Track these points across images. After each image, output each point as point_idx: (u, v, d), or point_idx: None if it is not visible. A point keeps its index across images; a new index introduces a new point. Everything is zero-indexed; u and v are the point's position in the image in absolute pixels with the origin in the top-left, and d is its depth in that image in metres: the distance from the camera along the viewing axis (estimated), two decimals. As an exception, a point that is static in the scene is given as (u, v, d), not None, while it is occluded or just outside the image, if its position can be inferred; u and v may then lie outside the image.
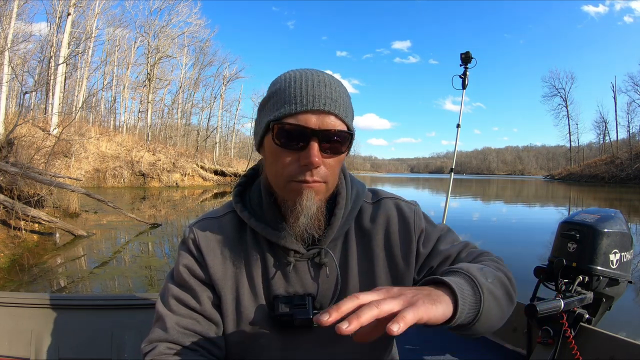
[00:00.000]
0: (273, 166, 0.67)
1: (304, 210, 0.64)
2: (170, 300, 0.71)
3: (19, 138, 8.35)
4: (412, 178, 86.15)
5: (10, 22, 14.22)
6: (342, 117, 0.64)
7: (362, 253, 0.75)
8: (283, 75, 0.67)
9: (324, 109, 0.62)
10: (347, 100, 0.66)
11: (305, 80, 0.64)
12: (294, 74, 0.66)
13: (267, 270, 0.72)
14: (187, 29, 30.26)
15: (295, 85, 0.63)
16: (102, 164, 18.71)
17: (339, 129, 0.64)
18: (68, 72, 22.89)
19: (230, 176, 24.08)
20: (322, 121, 0.62)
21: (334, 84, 0.65)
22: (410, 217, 0.76)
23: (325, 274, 0.72)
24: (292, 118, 0.62)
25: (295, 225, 0.66)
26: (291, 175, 0.64)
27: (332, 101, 0.63)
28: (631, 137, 44.02)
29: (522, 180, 68.63)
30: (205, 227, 0.75)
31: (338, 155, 0.66)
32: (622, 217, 1.42)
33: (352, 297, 0.48)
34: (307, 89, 0.62)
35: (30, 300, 1.34)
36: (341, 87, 0.66)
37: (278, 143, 0.64)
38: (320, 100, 0.62)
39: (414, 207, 0.79)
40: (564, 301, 1.24)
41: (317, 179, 0.64)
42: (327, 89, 0.63)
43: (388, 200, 0.78)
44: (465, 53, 3.34)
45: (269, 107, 0.66)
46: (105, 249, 6.03)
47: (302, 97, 0.62)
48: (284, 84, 0.65)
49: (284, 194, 0.67)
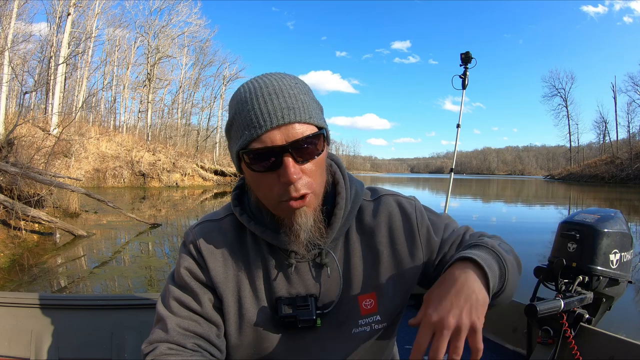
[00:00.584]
0: (259, 192, 0.67)
1: (302, 227, 0.65)
2: (171, 301, 0.71)
3: (19, 138, 8.35)
4: (412, 178, 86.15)
5: (10, 22, 14.23)
6: (306, 120, 0.62)
7: (366, 250, 0.75)
8: (238, 92, 0.65)
9: (284, 122, 0.60)
10: (305, 100, 0.64)
11: (257, 96, 0.61)
12: (245, 90, 0.64)
13: (269, 272, 0.72)
14: (187, 29, 30.32)
15: (249, 107, 0.61)
16: (102, 164, 18.72)
17: (307, 133, 0.62)
18: (68, 72, 22.90)
19: (230, 176, 24.09)
20: (287, 134, 0.60)
21: (287, 88, 0.62)
22: (412, 213, 0.77)
23: (326, 274, 0.72)
24: (258, 142, 0.61)
25: (298, 242, 0.67)
26: (278, 196, 0.63)
27: (289, 110, 0.61)
28: (631, 137, 43.96)
29: (522, 180, 68.62)
30: (206, 229, 0.75)
31: (315, 157, 0.64)
32: (622, 217, 1.42)
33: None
34: (260, 108, 0.60)
35: (30, 300, 1.34)
36: (295, 88, 0.64)
37: (254, 169, 0.63)
38: (277, 114, 0.60)
39: (414, 202, 0.79)
40: (564, 301, 1.24)
41: (303, 191, 0.62)
42: (281, 98, 0.61)
43: (388, 197, 0.79)
44: (465, 53, 3.34)
45: (234, 134, 0.65)
46: (105, 249, 6.03)
47: (259, 117, 0.60)
48: (240, 105, 0.63)
49: (279, 212, 0.67)
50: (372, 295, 0.73)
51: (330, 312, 0.71)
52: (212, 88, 34.91)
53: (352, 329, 0.72)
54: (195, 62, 32.74)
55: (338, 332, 0.72)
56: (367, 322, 0.72)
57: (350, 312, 0.72)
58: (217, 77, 34.12)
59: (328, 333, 0.71)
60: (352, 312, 0.72)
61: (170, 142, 27.71)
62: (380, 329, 0.73)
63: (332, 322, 0.71)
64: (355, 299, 0.72)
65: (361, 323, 0.72)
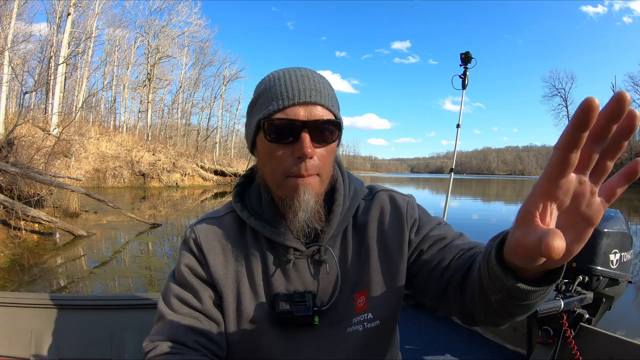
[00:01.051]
0: (268, 164, 0.68)
1: (302, 205, 0.65)
2: (172, 299, 0.71)
3: (19, 138, 8.35)
4: (412, 178, 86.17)
5: (11, 22, 14.22)
6: (328, 106, 0.66)
7: (357, 248, 0.75)
8: (267, 76, 0.69)
9: (310, 100, 0.64)
10: (331, 92, 0.68)
11: (289, 76, 0.66)
12: (277, 73, 0.68)
13: (267, 268, 0.72)
14: (187, 29, 30.28)
15: (280, 83, 0.65)
16: (102, 164, 18.72)
17: (327, 118, 0.65)
18: (68, 72, 22.89)
19: (230, 176, 24.08)
20: (310, 112, 0.64)
21: (317, 77, 0.68)
22: (403, 207, 0.76)
23: (325, 271, 0.72)
24: (281, 113, 0.64)
25: (295, 220, 0.67)
26: (287, 169, 0.65)
27: (317, 92, 0.65)
28: (631, 137, 43.95)
29: (522, 180, 68.54)
30: (206, 226, 0.75)
31: (329, 144, 0.67)
32: (622, 217, 1.42)
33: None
34: (291, 84, 0.65)
35: (30, 300, 1.35)
36: (324, 79, 0.69)
37: (270, 139, 0.65)
38: (305, 93, 0.64)
39: (409, 198, 0.79)
40: (564, 301, 1.24)
41: (311, 171, 0.65)
42: (311, 81, 0.66)
43: (382, 193, 0.79)
44: (465, 53, 3.34)
45: (258, 107, 0.68)
46: (105, 249, 6.03)
47: (288, 91, 0.64)
48: (269, 83, 0.67)
49: (282, 191, 0.68)
50: (364, 293, 0.72)
51: (327, 309, 0.71)
52: (212, 88, 34.93)
53: (347, 327, 0.71)
54: (195, 62, 32.76)
55: (335, 330, 0.71)
56: (359, 320, 0.72)
57: (346, 310, 0.72)
58: (217, 77, 34.15)
59: (325, 331, 0.71)
60: (348, 310, 0.72)
61: (170, 142, 27.70)
62: (374, 327, 0.72)
63: (330, 319, 0.71)
64: (351, 296, 0.72)
65: (354, 321, 0.72)
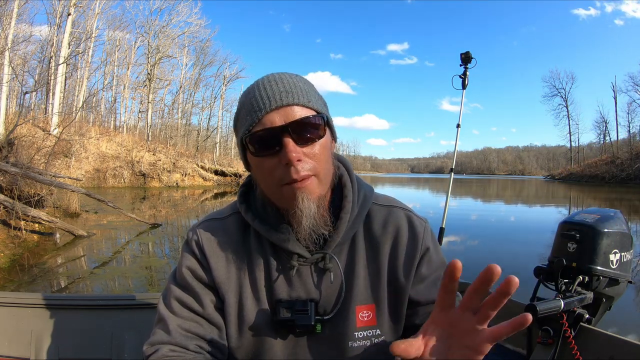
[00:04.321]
0: (262, 178, 0.67)
1: (305, 211, 0.63)
2: (173, 302, 0.70)
3: (19, 138, 8.35)
4: (412, 178, 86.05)
5: (11, 23, 14.22)
6: (304, 104, 0.64)
7: (370, 260, 0.72)
8: (243, 92, 0.69)
9: (282, 103, 0.62)
10: (305, 88, 0.66)
11: (258, 86, 0.65)
12: (251, 85, 0.68)
13: (270, 273, 0.71)
14: (188, 29, 30.28)
15: (251, 95, 0.65)
16: (103, 164, 18.71)
17: (306, 114, 0.63)
18: (68, 72, 22.89)
19: (231, 176, 24.07)
20: (286, 115, 0.62)
21: (286, 78, 0.66)
22: (421, 232, 0.74)
23: (329, 279, 0.70)
24: (259, 125, 0.63)
25: (301, 229, 0.65)
26: (280, 179, 0.63)
27: (287, 93, 0.63)
28: (631, 137, 43.88)
29: (522, 180, 68.58)
30: (209, 228, 0.74)
31: (316, 141, 0.64)
32: (622, 217, 1.42)
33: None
34: (261, 93, 0.64)
35: (30, 300, 1.34)
36: (296, 78, 0.67)
37: (255, 153, 0.64)
38: (275, 97, 0.63)
39: (425, 223, 0.76)
40: (564, 301, 1.24)
41: (304, 173, 0.62)
42: (280, 84, 0.64)
43: (399, 210, 0.76)
44: (465, 53, 3.33)
45: (239, 125, 0.68)
46: (105, 249, 6.03)
47: (259, 101, 0.63)
48: (244, 98, 0.67)
49: (281, 202, 0.67)
50: (371, 308, 0.70)
51: (330, 319, 0.69)
52: (213, 88, 34.95)
53: (349, 340, 0.69)
54: (196, 62, 32.78)
55: (337, 342, 0.69)
56: (365, 335, 0.69)
57: (348, 322, 0.69)
58: (218, 77, 34.17)
59: (327, 341, 0.69)
60: (349, 322, 0.69)
61: (171, 142, 27.70)
62: (380, 342, 0.70)
63: (333, 329, 0.69)
64: (352, 309, 0.69)
65: (358, 336, 0.69)
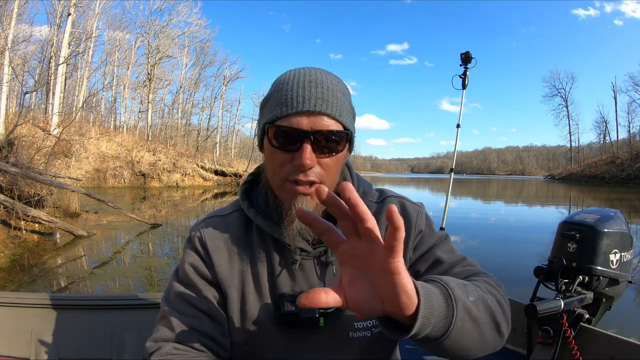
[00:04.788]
0: (270, 166, 0.68)
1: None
2: (175, 299, 0.70)
3: (19, 138, 8.35)
4: (412, 178, 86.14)
5: (11, 23, 14.22)
6: (335, 116, 0.63)
7: None
8: (282, 76, 0.68)
9: (314, 109, 0.62)
10: (342, 99, 0.66)
11: (298, 81, 0.64)
12: (289, 74, 0.67)
13: (273, 268, 0.71)
14: (188, 29, 30.33)
15: (287, 87, 0.64)
16: (103, 164, 18.71)
17: (333, 128, 0.63)
18: (68, 72, 22.89)
19: (231, 176, 24.07)
20: (315, 122, 0.62)
21: (327, 82, 0.65)
22: (413, 216, 0.75)
23: (332, 272, 0.71)
24: (285, 120, 0.63)
25: (289, 229, 0.66)
26: (286, 175, 0.64)
27: (323, 101, 0.63)
28: (632, 137, 43.92)
29: (522, 180, 68.57)
30: (212, 225, 0.74)
31: (334, 154, 0.65)
32: (622, 217, 1.42)
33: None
34: (297, 90, 0.63)
35: (30, 300, 1.34)
36: (336, 85, 0.66)
37: (273, 145, 0.65)
38: (310, 102, 0.62)
39: (419, 207, 0.78)
40: (564, 301, 1.24)
41: (311, 178, 0.63)
42: (319, 89, 0.63)
43: (393, 199, 0.78)
44: (465, 53, 3.33)
45: (267, 109, 0.67)
46: (105, 249, 6.03)
47: (294, 98, 0.63)
48: (280, 85, 0.66)
49: (280, 194, 0.68)
50: None
51: (333, 312, 0.70)
52: (213, 88, 34.99)
53: (350, 332, 0.70)
54: (196, 62, 32.83)
55: (340, 333, 0.70)
56: (365, 325, 0.71)
57: (348, 314, 0.71)
58: (218, 77, 34.22)
59: (330, 333, 0.70)
60: (349, 313, 0.70)
61: (171, 142, 27.70)
62: (381, 333, 0.70)
63: (335, 322, 0.70)
64: None
65: (359, 327, 0.70)
